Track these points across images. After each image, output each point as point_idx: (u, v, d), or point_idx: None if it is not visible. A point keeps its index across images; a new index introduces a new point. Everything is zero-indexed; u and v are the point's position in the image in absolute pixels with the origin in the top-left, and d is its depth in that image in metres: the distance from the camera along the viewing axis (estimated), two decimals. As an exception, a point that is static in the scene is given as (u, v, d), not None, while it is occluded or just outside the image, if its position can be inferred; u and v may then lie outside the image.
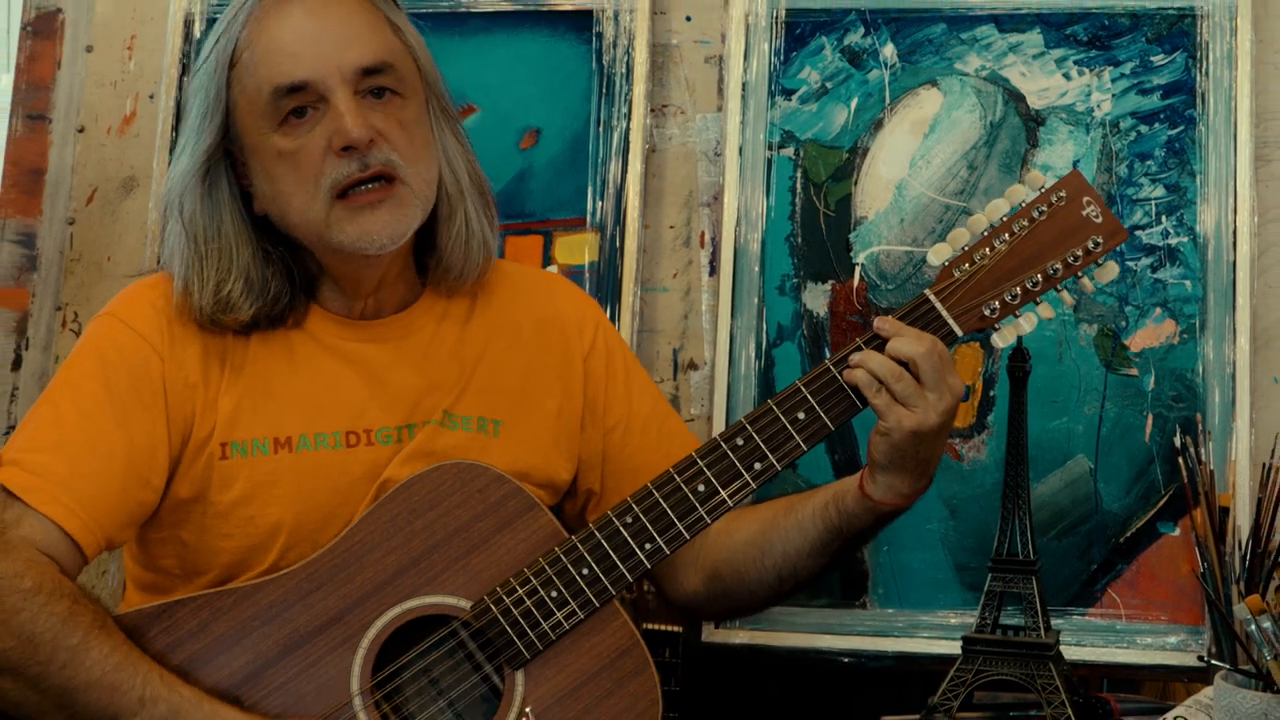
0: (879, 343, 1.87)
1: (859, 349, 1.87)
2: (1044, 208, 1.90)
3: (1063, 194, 1.90)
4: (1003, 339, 1.90)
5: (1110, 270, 1.91)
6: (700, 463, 1.86)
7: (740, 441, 1.87)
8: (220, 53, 1.90)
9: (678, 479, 1.86)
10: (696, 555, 2.02)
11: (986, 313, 1.89)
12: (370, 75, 1.87)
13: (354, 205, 1.86)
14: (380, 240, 1.87)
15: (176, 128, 2.48)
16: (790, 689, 2.45)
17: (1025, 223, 1.90)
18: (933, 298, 1.89)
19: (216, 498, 1.89)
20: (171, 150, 2.47)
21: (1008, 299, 1.89)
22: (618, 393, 2.05)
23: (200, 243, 1.91)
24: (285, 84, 1.85)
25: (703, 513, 1.85)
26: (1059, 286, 1.90)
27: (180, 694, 1.76)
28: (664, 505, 1.85)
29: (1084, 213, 1.90)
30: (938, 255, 1.90)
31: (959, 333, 1.89)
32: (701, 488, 1.86)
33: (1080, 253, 1.90)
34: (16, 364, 2.53)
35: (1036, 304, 1.90)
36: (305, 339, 1.94)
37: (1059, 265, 1.89)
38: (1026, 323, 1.90)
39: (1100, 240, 1.90)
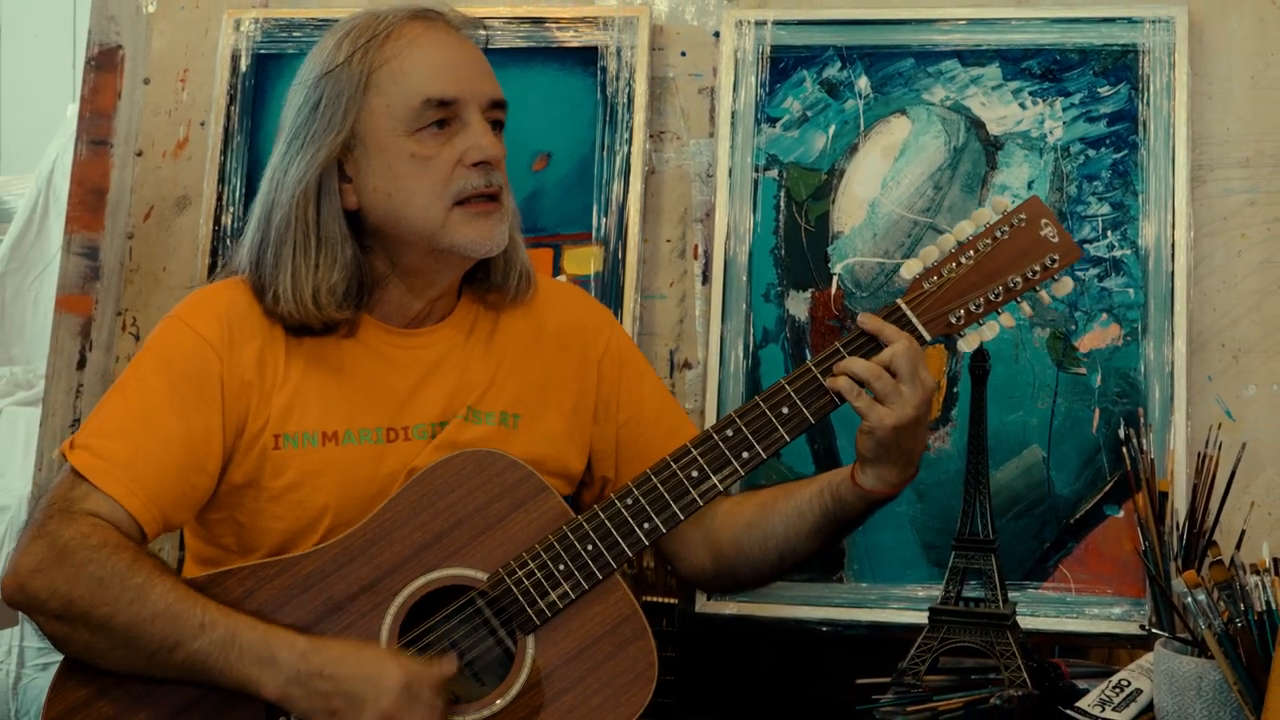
0: (855, 346, 1.87)
1: (839, 354, 1.87)
2: (1006, 228, 1.90)
3: (1023, 216, 1.90)
4: (967, 344, 1.91)
5: (1065, 285, 1.92)
6: (694, 451, 1.86)
7: (730, 433, 1.87)
8: (358, 63, 1.88)
9: (674, 466, 1.86)
10: (706, 536, 2.01)
11: (953, 320, 1.89)
12: (495, 109, 1.91)
13: (472, 211, 1.87)
14: (489, 245, 1.89)
15: (226, 151, 2.48)
16: (775, 655, 2.45)
17: (989, 241, 1.90)
18: (904, 306, 1.89)
19: (269, 484, 1.89)
20: (222, 172, 2.48)
21: (972, 308, 1.89)
22: (629, 391, 2.05)
23: (311, 236, 1.88)
24: (438, 96, 1.86)
25: (695, 495, 1.85)
26: (1018, 298, 1.90)
27: (236, 618, 1.76)
28: (661, 489, 1.85)
29: (1042, 233, 1.90)
30: (909, 269, 1.90)
31: (927, 338, 1.89)
32: (695, 474, 1.85)
33: (1038, 269, 1.90)
34: (81, 363, 2.53)
35: (998, 314, 1.90)
36: (354, 344, 1.93)
37: (1019, 279, 1.89)
38: (989, 330, 1.90)
39: (1057, 258, 1.90)
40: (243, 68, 2.50)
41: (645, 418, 2.04)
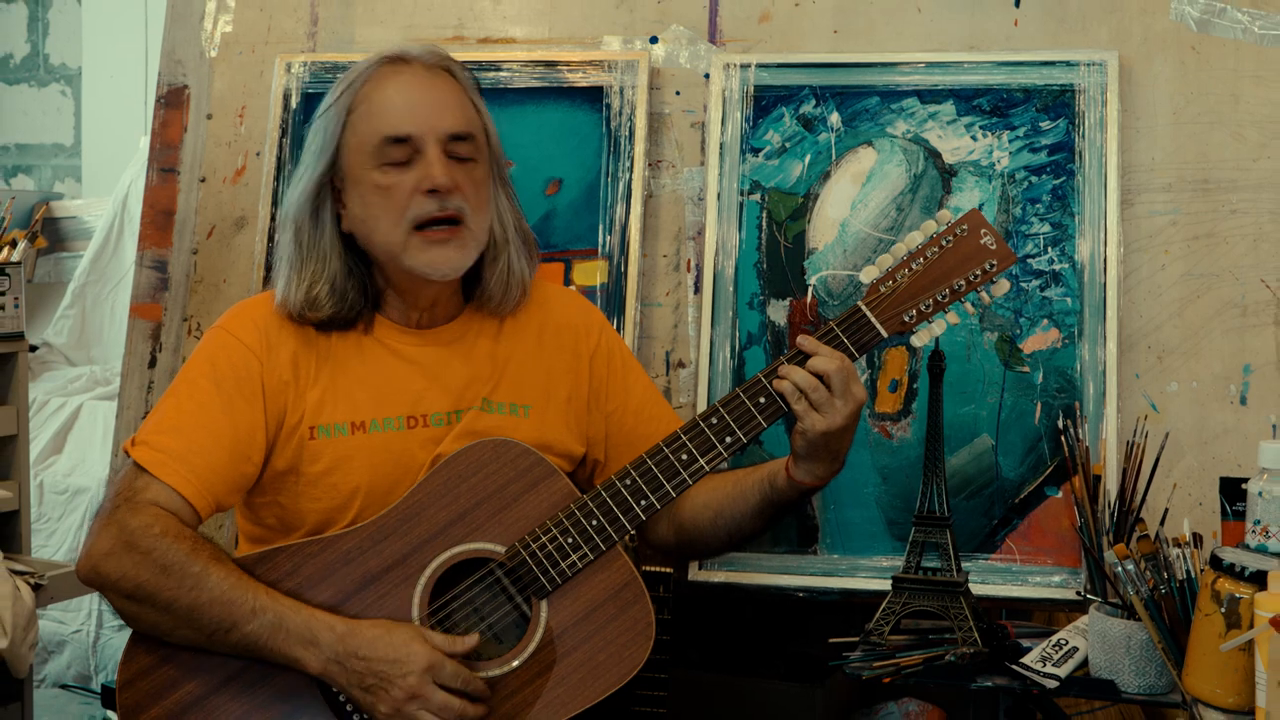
0: (800, 358, 1.87)
1: (797, 356, 1.87)
2: (950, 238, 1.90)
3: (965, 227, 1.90)
4: (919, 340, 1.90)
5: (1003, 286, 1.91)
6: (683, 437, 1.86)
7: (715, 420, 1.87)
8: (340, 104, 1.91)
9: (665, 450, 1.86)
10: (669, 513, 2.01)
11: (906, 319, 1.89)
12: (456, 141, 1.89)
13: (428, 238, 1.87)
14: (443, 270, 1.88)
15: (279, 178, 2.48)
16: (758, 617, 2.45)
17: (936, 249, 1.90)
18: (864, 307, 1.89)
19: (307, 470, 1.89)
20: (274, 196, 2.48)
21: (923, 308, 1.89)
22: (617, 384, 2.04)
23: (304, 249, 1.91)
24: (393, 134, 1.87)
25: (685, 476, 1.85)
26: (963, 299, 1.90)
27: (283, 604, 1.76)
28: (655, 470, 1.85)
29: (981, 241, 1.90)
30: (867, 275, 1.90)
31: (884, 334, 1.88)
32: (685, 456, 1.85)
33: (979, 272, 1.90)
34: (152, 363, 2.53)
35: (946, 312, 1.90)
36: (374, 343, 1.93)
37: (962, 282, 1.89)
38: (938, 327, 1.90)
39: (995, 263, 1.90)
40: (293, 105, 2.50)
41: (630, 408, 2.03)
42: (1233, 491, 1.86)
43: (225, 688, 1.79)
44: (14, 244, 2.72)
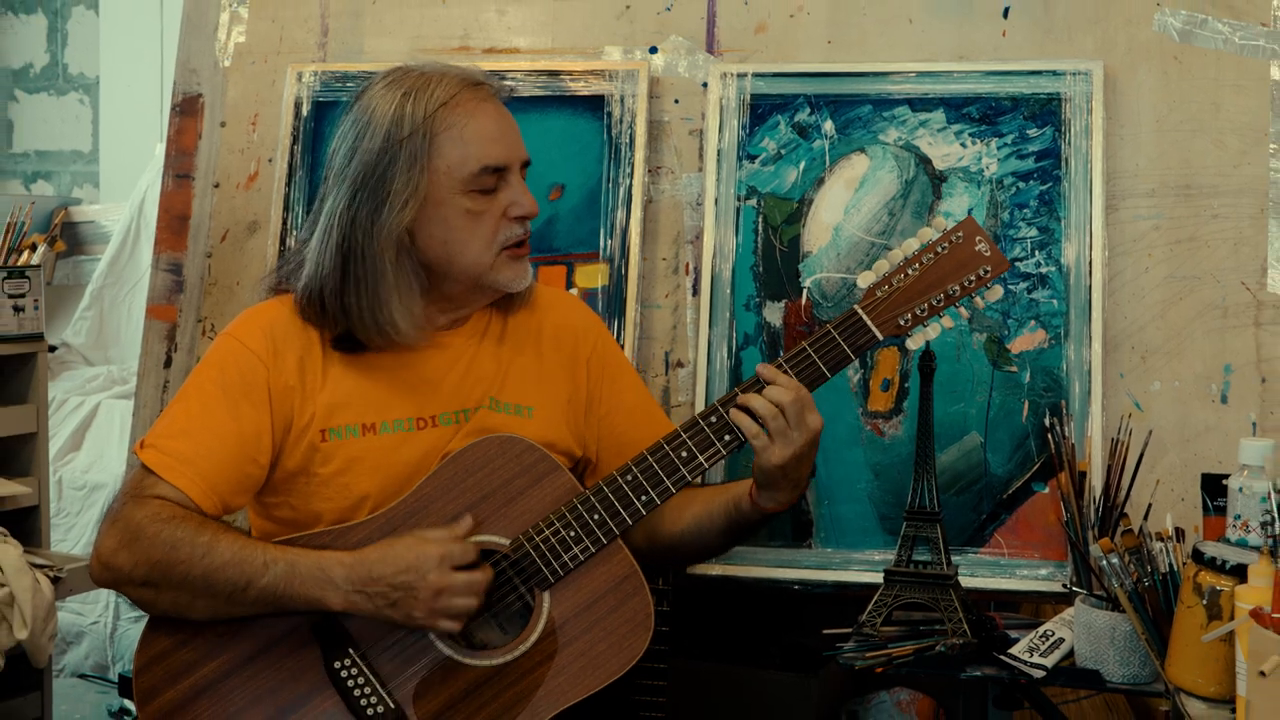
0: (758, 387, 1.85)
1: (742, 392, 1.85)
2: (946, 244, 1.89)
3: (960, 234, 1.90)
4: (914, 343, 1.89)
5: (996, 292, 1.91)
6: (683, 435, 1.85)
7: (714, 419, 1.86)
8: (419, 125, 1.83)
9: (666, 447, 1.85)
10: (646, 524, 1.96)
11: (901, 322, 1.88)
12: (525, 167, 1.91)
13: (515, 256, 1.89)
14: (525, 282, 1.92)
15: (290, 183, 2.48)
16: (755, 609, 2.45)
17: (931, 255, 1.89)
18: (860, 311, 1.88)
19: (319, 470, 1.88)
20: (286, 201, 2.48)
21: (918, 312, 1.88)
22: (610, 387, 2.03)
23: (378, 272, 1.84)
24: (493, 164, 1.85)
25: (685, 472, 1.85)
26: (957, 304, 1.90)
27: (290, 551, 1.77)
28: (656, 467, 1.84)
29: (976, 248, 1.90)
30: (864, 280, 1.89)
31: (880, 337, 1.87)
32: (684, 454, 1.85)
33: (973, 278, 1.89)
34: (168, 363, 2.54)
35: (940, 317, 1.89)
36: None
37: (956, 287, 1.89)
38: (933, 330, 1.89)
39: (989, 269, 1.89)
40: (304, 113, 2.51)
41: (623, 410, 2.02)
42: (1214, 487, 1.86)
43: (239, 671, 1.79)
44: (34, 248, 2.72)
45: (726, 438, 1.85)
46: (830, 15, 2.39)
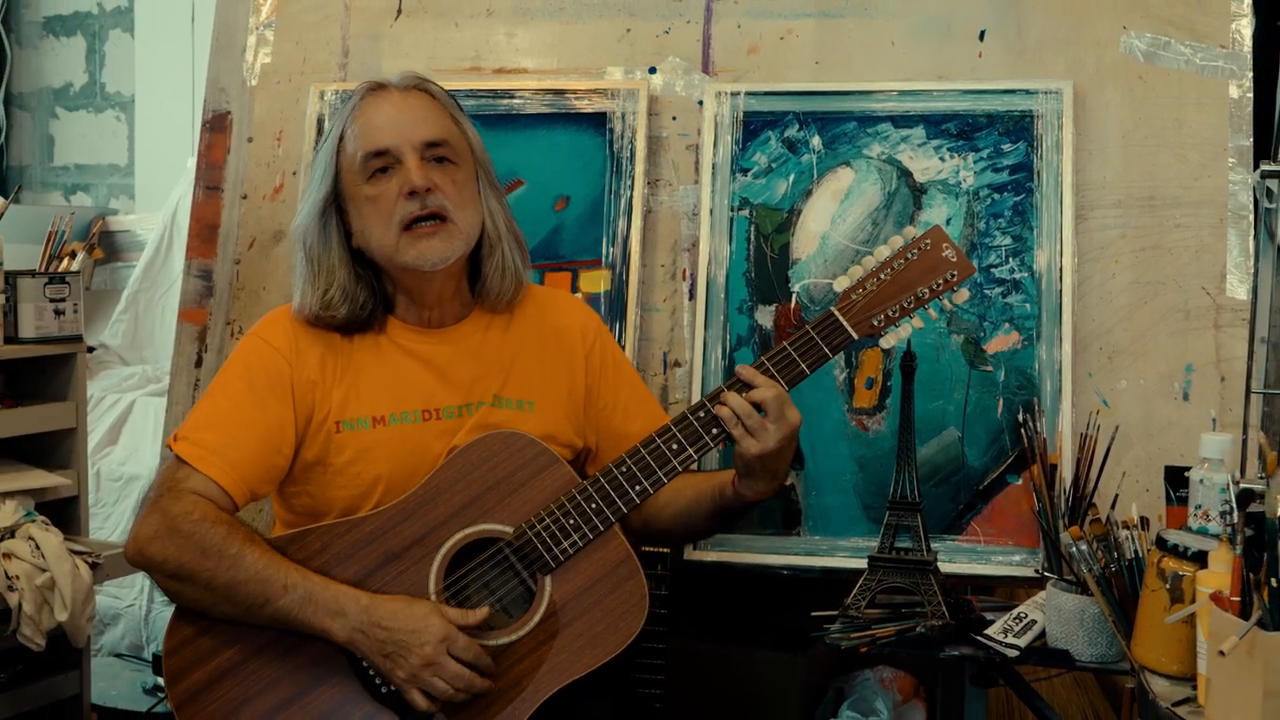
0: (740, 386, 1.86)
1: (725, 390, 1.87)
2: (915, 251, 1.90)
3: (928, 241, 1.91)
4: (887, 342, 1.91)
5: (963, 294, 1.92)
6: (674, 429, 1.86)
7: (702, 414, 1.87)
8: (334, 132, 1.94)
9: (658, 440, 1.86)
10: (639, 509, 1.96)
11: (875, 323, 1.89)
12: (432, 147, 1.90)
13: (415, 234, 1.88)
14: (432, 260, 1.88)
15: (311, 195, 2.50)
16: (747, 592, 2.46)
17: (902, 261, 1.90)
18: (837, 313, 1.89)
19: (333, 461, 1.90)
20: (307, 211, 2.50)
21: (890, 313, 1.89)
22: (608, 381, 2.04)
23: (314, 262, 1.92)
24: (373, 149, 1.89)
25: (675, 463, 1.85)
26: (926, 306, 1.91)
27: (312, 579, 1.78)
28: (648, 459, 1.85)
29: (944, 254, 1.91)
30: (840, 284, 1.90)
31: (855, 336, 1.88)
32: (675, 446, 1.85)
33: (941, 281, 1.90)
34: (198, 363, 2.54)
35: (911, 318, 1.91)
36: (390, 345, 1.94)
37: (926, 290, 1.90)
38: (904, 330, 1.90)
39: (955, 273, 1.90)
40: (326, 129, 2.51)
41: (619, 405, 2.03)
42: (1176, 479, 1.86)
43: (260, 654, 1.80)
44: (74, 255, 2.73)
45: (714, 431, 1.86)
46: (818, 38, 2.39)
